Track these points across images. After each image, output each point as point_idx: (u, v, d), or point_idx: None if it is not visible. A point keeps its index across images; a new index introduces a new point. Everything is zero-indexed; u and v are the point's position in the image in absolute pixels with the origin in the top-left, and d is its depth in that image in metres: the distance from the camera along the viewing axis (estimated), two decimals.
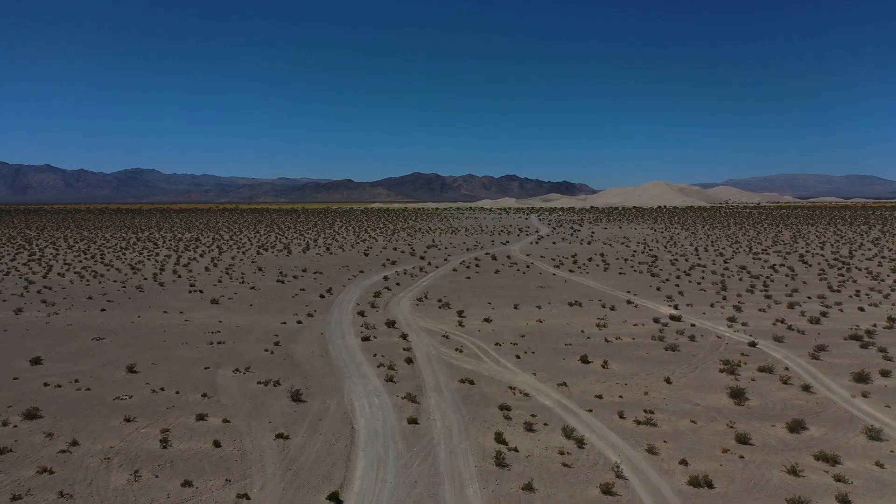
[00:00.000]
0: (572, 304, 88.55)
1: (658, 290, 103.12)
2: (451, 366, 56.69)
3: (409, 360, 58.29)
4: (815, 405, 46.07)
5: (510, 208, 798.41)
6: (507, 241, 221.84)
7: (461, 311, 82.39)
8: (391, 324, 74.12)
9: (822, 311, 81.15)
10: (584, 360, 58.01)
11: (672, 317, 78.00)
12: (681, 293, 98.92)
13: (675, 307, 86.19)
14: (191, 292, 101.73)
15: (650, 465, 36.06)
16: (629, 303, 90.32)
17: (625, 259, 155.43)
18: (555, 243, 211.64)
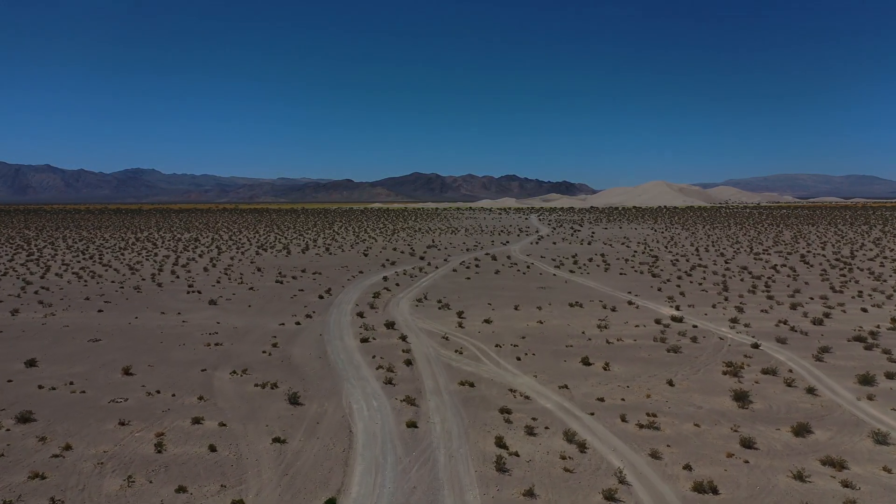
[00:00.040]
0: (573, 305, 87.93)
1: (659, 290, 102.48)
2: (450, 368, 56.05)
3: (409, 361, 57.65)
4: (820, 408, 45.42)
5: (510, 208, 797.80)
6: (507, 242, 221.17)
7: (461, 311, 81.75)
8: (390, 325, 73.49)
9: (824, 312, 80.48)
10: (586, 361, 57.37)
11: (674, 318, 77.36)
12: (682, 294, 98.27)
13: (677, 308, 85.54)
14: (189, 293, 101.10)
15: (653, 470, 35.41)
16: (630, 303, 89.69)
17: (625, 259, 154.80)
18: (555, 243, 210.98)
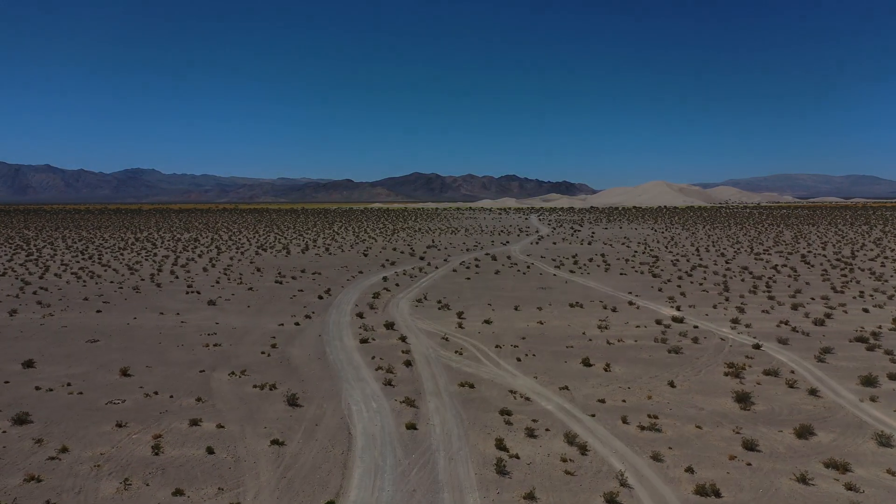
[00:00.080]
0: (573, 306, 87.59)
1: (660, 290, 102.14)
2: (450, 369, 55.72)
3: (408, 362, 57.33)
4: (823, 410, 45.08)
5: (510, 208, 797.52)
6: (507, 242, 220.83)
7: (461, 312, 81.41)
8: (390, 325, 73.17)
9: (826, 313, 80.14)
10: (586, 362, 57.04)
11: (674, 318, 77.03)
12: (683, 294, 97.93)
13: (678, 308, 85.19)
14: (188, 293, 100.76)
15: (655, 472, 35.07)
16: (631, 304, 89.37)
17: (626, 259, 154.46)
18: (555, 244, 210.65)
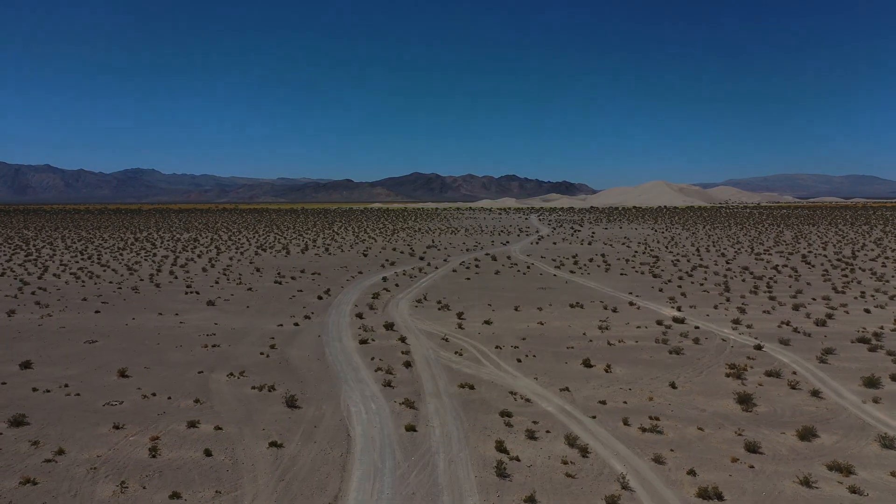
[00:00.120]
0: (574, 306, 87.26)
1: (660, 291, 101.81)
2: (450, 370, 55.38)
3: (408, 363, 57.00)
4: (826, 411, 44.75)
5: (510, 208, 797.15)
6: (508, 242, 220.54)
7: (461, 312, 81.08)
8: (390, 326, 72.84)
9: (827, 313, 79.79)
10: (587, 363, 56.71)
11: (675, 319, 76.68)
12: (683, 294, 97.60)
13: (678, 309, 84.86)
14: (187, 293, 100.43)
15: (657, 475, 34.73)
16: (631, 304, 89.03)
17: (626, 260, 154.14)
18: (555, 244, 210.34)
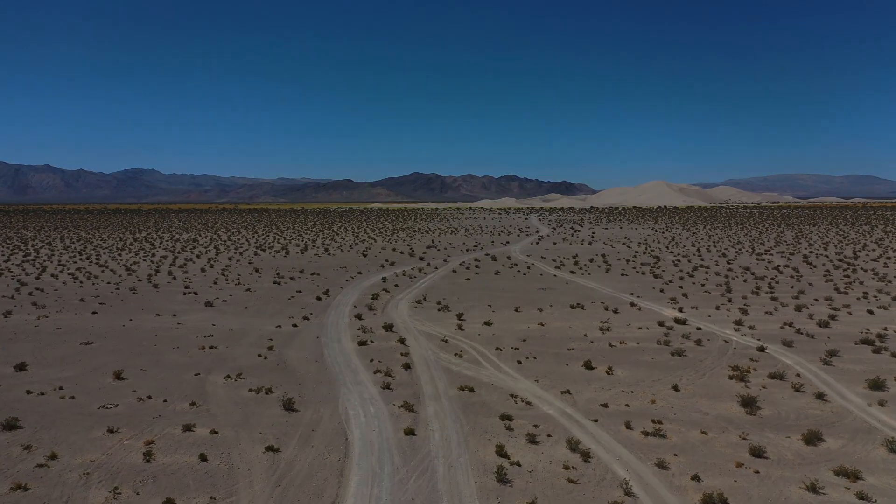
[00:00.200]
0: (574, 307, 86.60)
1: (661, 291, 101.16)
2: (450, 372, 54.74)
3: (407, 365, 56.36)
4: (831, 415, 44.10)
5: (510, 208, 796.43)
6: (508, 242, 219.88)
7: (461, 313, 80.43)
8: (389, 327, 72.19)
9: (830, 314, 79.10)
10: (588, 365, 56.07)
11: (677, 320, 76.01)
12: (685, 295, 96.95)
13: (680, 310, 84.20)
14: (185, 294, 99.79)
15: (661, 480, 34.08)
16: (632, 305, 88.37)
17: (627, 260, 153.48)
18: (555, 244, 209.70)
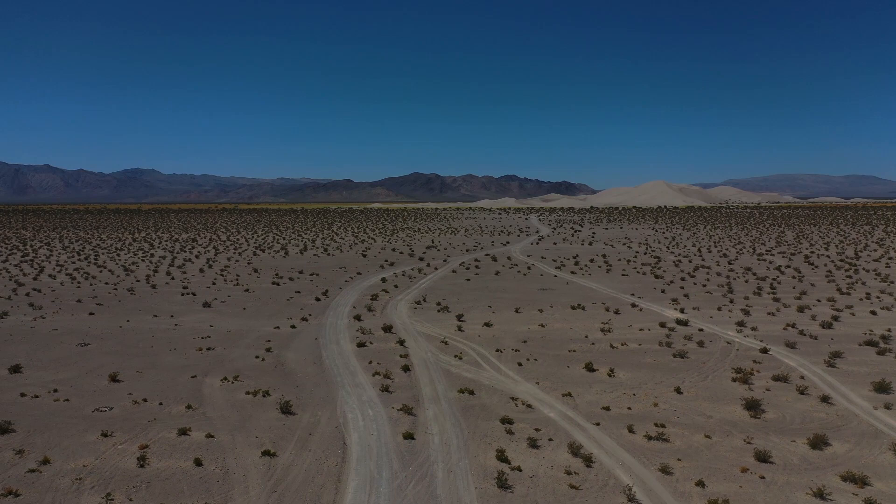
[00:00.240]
0: (575, 308, 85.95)
1: (663, 292, 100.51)
2: (449, 374, 54.10)
3: (406, 367, 55.71)
4: (836, 418, 43.45)
5: (510, 208, 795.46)
6: (508, 242, 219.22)
7: (460, 314, 79.77)
8: (388, 328, 71.54)
9: (833, 315, 78.43)
10: (590, 367, 55.43)
11: (679, 321, 75.35)
12: (686, 296, 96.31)
13: (682, 311, 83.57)
14: (183, 295, 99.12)
15: (664, 486, 33.43)
16: (634, 306, 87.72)
17: (627, 260, 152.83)
18: (556, 244, 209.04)
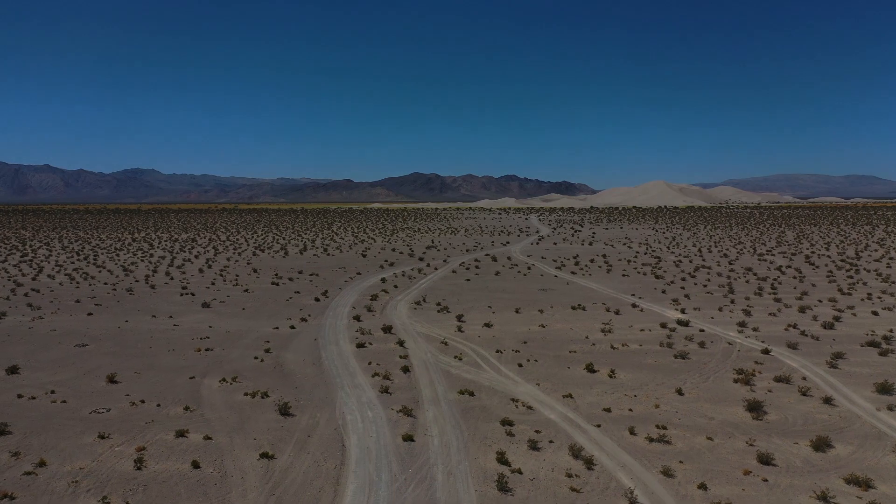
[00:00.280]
0: (575, 308, 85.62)
1: (663, 292, 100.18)
2: (449, 375, 53.78)
3: (406, 368, 55.38)
4: (839, 419, 43.13)
5: (510, 208, 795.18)
6: (508, 242, 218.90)
7: (460, 315, 79.45)
8: (388, 329, 71.22)
9: (834, 316, 78.15)
10: (590, 368, 55.11)
11: (680, 321, 75.01)
12: (687, 296, 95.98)
13: (682, 311, 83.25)
14: (182, 295, 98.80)
15: (666, 489, 33.11)
16: (634, 306, 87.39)
17: (627, 260, 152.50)
18: (556, 244, 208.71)
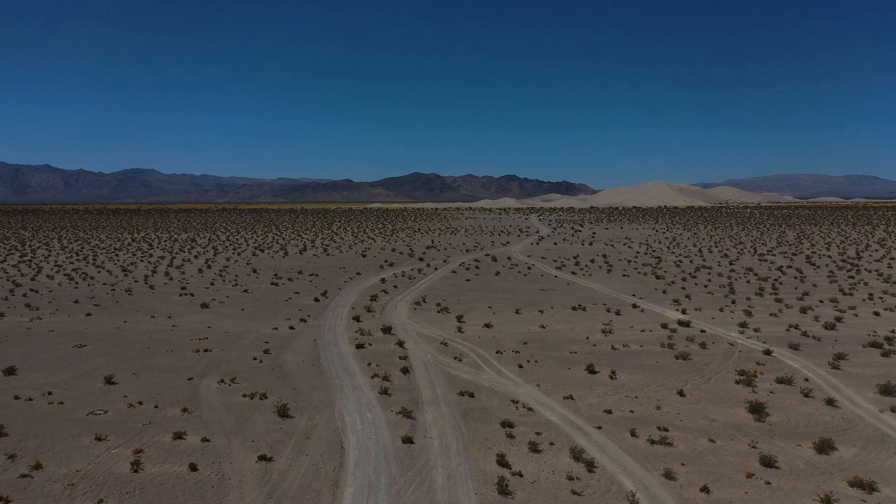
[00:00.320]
0: (576, 309, 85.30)
1: (664, 293, 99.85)
2: (449, 376, 53.45)
3: (406, 369, 55.05)
4: (842, 421, 42.80)
5: (510, 208, 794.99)
6: (508, 242, 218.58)
7: (460, 315, 79.12)
8: (387, 330, 70.89)
9: (836, 316, 77.85)
10: (591, 369, 54.79)
11: (680, 322, 74.68)
12: (687, 296, 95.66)
13: (683, 312, 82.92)
14: (181, 295, 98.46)
15: (668, 492, 32.78)
16: (635, 307, 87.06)
17: (628, 260, 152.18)
18: (556, 244, 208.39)
